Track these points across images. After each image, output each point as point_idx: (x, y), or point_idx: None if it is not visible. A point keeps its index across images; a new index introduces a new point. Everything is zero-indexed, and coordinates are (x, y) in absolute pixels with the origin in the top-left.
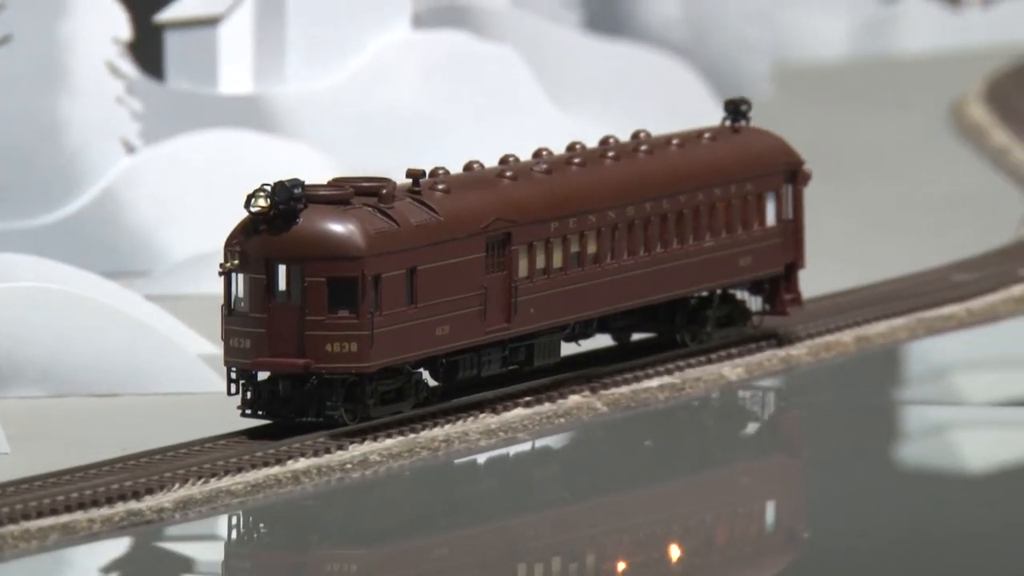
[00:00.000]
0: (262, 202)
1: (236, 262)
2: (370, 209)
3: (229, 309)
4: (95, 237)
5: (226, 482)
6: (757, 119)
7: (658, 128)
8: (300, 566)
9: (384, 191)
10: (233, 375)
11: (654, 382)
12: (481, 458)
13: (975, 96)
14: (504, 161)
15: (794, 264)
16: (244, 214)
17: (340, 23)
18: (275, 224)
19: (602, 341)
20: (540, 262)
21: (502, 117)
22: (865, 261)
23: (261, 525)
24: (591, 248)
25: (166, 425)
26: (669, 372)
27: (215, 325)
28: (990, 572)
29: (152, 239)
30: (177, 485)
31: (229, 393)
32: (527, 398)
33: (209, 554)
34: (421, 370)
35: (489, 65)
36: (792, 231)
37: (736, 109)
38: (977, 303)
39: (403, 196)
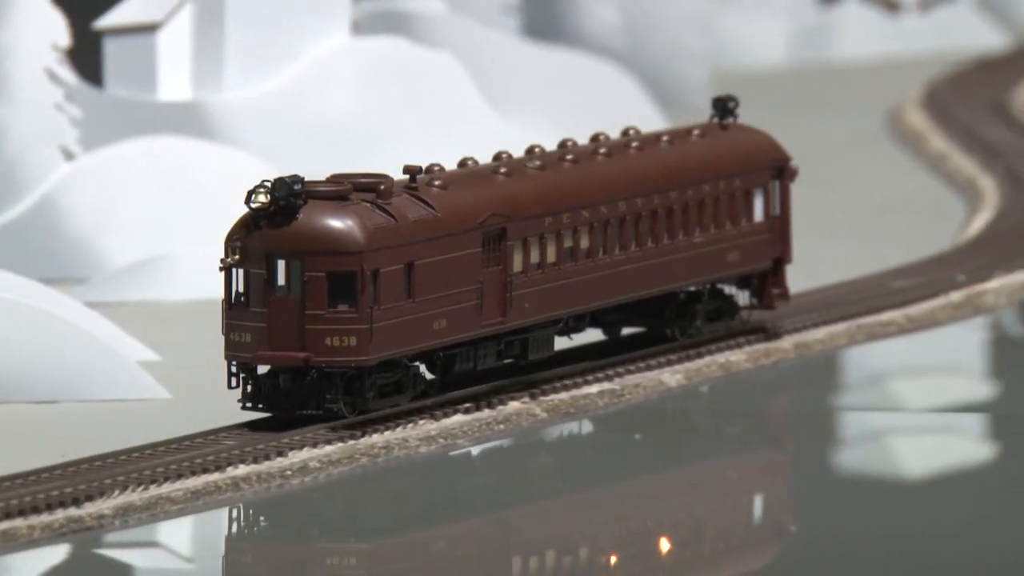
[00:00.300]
0: (262, 198)
1: (237, 257)
2: (368, 205)
3: (229, 304)
4: (34, 244)
5: (166, 489)
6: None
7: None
8: (300, 561)
9: (382, 187)
10: (233, 369)
11: (593, 388)
12: (475, 450)
13: (913, 102)
14: (497, 158)
15: (781, 259)
16: (174, 222)
17: (279, 29)
18: (275, 220)
19: (593, 335)
20: (534, 257)
21: (441, 123)
22: (804, 267)
23: (262, 518)
24: (584, 243)
25: (106, 432)
26: (608, 378)
27: (155, 331)
28: (964, 567)
29: (91, 246)
30: (117, 492)
31: (229, 387)
32: (467, 404)
33: (148, 561)
34: (417, 363)
35: (428, 71)
36: (779, 227)
37: (724, 106)
38: (916, 309)
39: (400, 192)
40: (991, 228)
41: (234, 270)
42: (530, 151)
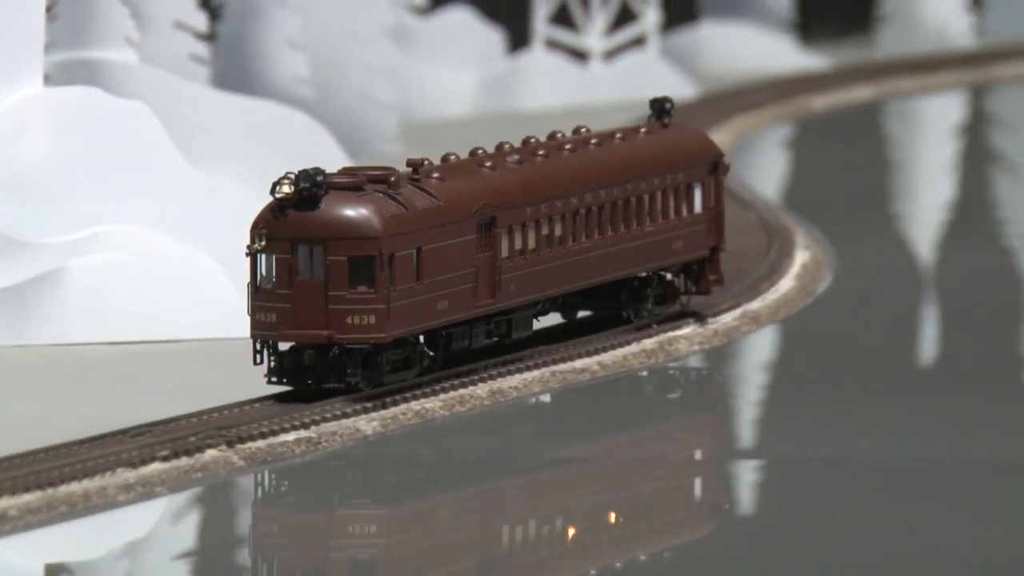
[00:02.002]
0: (287, 188)
1: (263, 243)
2: (381, 195)
3: (256, 287)
4: None
5: None
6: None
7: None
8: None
9: (392, 179)
10: (258, 346)
11: (290, 436)
12: (452, 421)
13: None
14: (473, 153)
15: (716, 247)
16: None
17: None
18: (299, 208)
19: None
20: (518, 244)
21: (134, 172)
22: None
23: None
24: (557, 231)
25: None
26: (305, 426)
27: None
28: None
29: None
30: None
31: (255, 363)
32: (164, 452)
33: None
34: (420, 341)
35: (120, 120)
36: (714, 217)
37: (661, 107)
38: (609, 356)
39: (406, 183)
40: None
41: (260, 255)
42: (499, 147)
